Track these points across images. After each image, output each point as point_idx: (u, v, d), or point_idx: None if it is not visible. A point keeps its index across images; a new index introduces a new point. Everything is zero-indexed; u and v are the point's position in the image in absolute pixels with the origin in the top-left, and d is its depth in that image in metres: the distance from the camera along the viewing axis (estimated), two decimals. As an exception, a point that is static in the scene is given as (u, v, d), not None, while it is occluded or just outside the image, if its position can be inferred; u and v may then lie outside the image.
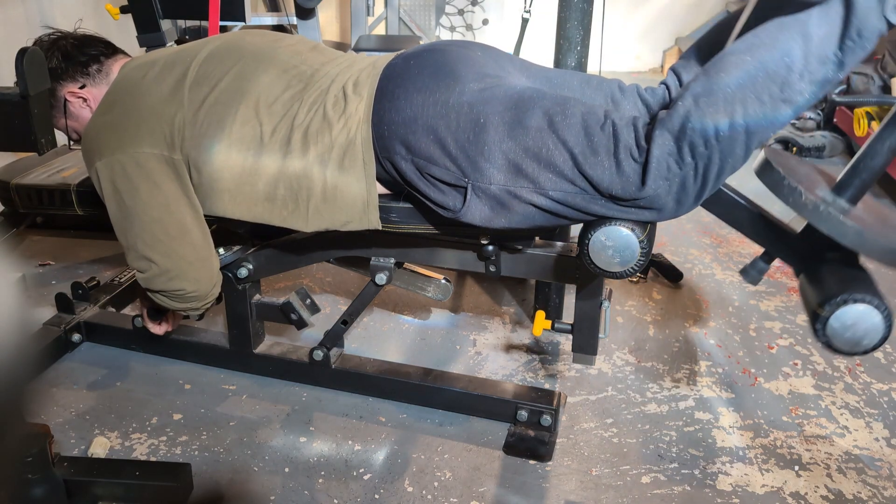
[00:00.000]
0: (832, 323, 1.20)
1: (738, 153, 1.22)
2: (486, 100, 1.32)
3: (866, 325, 1.19)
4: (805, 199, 1.22)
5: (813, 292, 1.25)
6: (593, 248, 1.32)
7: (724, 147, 1.21)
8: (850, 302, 1.19)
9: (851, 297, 1.19)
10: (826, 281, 1.26)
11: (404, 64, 1.40)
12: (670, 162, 1.22)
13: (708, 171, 1.23)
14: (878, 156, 1.23)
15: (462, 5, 4.88)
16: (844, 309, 1.19)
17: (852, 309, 1.19)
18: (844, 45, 1.16)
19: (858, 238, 1.19)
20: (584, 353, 1.62)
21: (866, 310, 1.18)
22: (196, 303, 1.56)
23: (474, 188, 1.33)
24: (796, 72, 1.17)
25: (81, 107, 1.61)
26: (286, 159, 1.40)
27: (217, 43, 1.54)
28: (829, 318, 1.20)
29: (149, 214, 1.46)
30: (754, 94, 1.18)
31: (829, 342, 1.21)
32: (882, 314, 1.18)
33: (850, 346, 1.21)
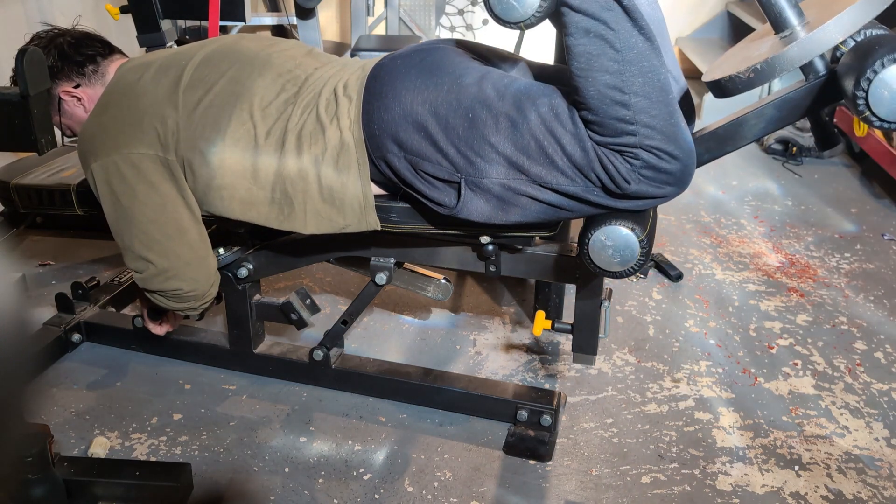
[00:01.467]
0: (882, 78, 1.12)
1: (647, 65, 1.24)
2: (475, 94, 1.32)
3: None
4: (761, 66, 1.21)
5: (845, 79, 1.19)
6: (593, 248, 1.32)
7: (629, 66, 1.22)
8: (888, 64, 1.12)
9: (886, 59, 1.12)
10: (850, 63, 1.19)
11: (392, 63, 1.41)
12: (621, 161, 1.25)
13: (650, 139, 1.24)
14: None
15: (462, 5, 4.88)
16: (884, 72, 1.12)
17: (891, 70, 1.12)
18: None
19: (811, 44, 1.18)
20: (584, 353, 1.62)
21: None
22: (194, 302, 1.56)
23: (468, 183, 1.33)
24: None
25: (76, 105, 1.61)
26: (281, 162, 1.40)
27: (213, 46, 1.54)
28: (873, 79, 1.12)
29: (145, 215, 1.46)
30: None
31: (880, 116, 1.15)
32: None
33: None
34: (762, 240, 2.60)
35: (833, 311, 2.17)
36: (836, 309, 2.18)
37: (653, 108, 1.23)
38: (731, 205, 2.85)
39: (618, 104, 1.23)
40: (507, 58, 1.53)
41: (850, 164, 3.26)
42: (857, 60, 1.18)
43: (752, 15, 4.13)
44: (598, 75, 1.22)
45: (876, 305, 2.19)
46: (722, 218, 2.76)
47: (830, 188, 3.02)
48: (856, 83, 1.16)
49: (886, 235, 2.62)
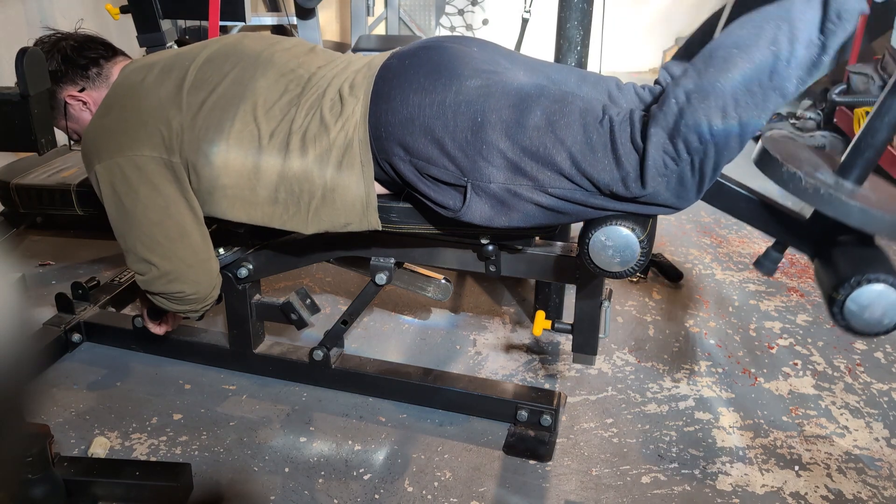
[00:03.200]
0: (849, 305, 1.17)
1: (733, 145, 1.22)
2: (484, 98, 1.31)
3: (884, 304, 1.16)
4: (806, 184, 1.21)
5: (827, 277, 1.23)
6: (593, 248, 1.32)
7: (719, 140, 1.21)
8: (864, 282, 1.16)
9: (865, 277, 1.16)
10: (839, 264, 1.23)
11: (399, 64, 1.40)
12: (666, 159, 1.22)
13: (704, 164, 1.23)
14: (879, 132, 1.22)
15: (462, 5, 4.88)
16: (859, 290, 1.16)
17: (867, 289, 1.16)
18: (826, 28, 1.17)
19: (864, 216, 1.17)
20: (584, 353, 1.62)
21: (882, 289, 1.15)
22: (196, 305, 1.56)
23: (474, 187, 1.32)
24: (783, 59, 1.18)
25: (81, 109, 1.61)
26: (285, 162, 1.40)
27: (215, 46, 1.53)
28: (844, 300, 1.17)
29: (148, 217, 1.46)
30: (744, 86, 1.19)
31: (849, 325, 1.18)
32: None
33: (871, 326, 1.18)
34: (762, 240, 2.60)
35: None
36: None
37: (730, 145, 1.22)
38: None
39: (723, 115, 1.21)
40: (513, 56, 1.52)
41: (850, 164, 3.26)
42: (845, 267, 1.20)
43: (752, 15, 4.12)
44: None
45: (876, 305, 2.18)
46: (722, 218, 2.76)
47: (830, 188, 3.01)
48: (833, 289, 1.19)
49: (886, 235, 2.62)
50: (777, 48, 1.18)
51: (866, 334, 1.19)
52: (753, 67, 1.18)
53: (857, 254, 1.24)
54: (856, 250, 1.25)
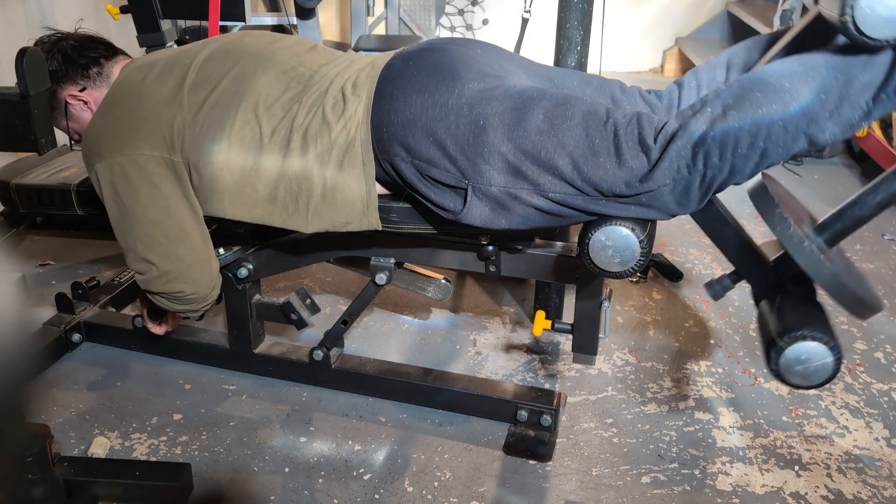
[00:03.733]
0: (788, 354, 1.22)
1: (748, 171, 1.23)
2: (486, 100, 1.31)
3: (818, 364, 1.22)
4: (792, 232, 1.24)
5: (774, 321, 1.28)
6: (593, 248, 1.32)
7: (737, 163, 1.22)
8: (809, 338, 1.21)
9: (811, 333, 1.22)
10: (788, 312, 1.28)
11: (403, 64, 1.40)
12: (681, 164, 1.22)
13: (714, 181, 1.24)
14: (865, 208, 1.26)
15: (462, 5, 4.88)
16: (802, 344, 1.21)
17: (809, 345, 1.21)
18: (878, 98, 1.17)
19: (831, 280, 1.22)
20: (584, 353, 1.62)
21: (822, 349, 1.21)
22: (195, 304, 1.56)
23: (474, 190, 1.32)
24: (827, 111, 1.18)
25: (82, 109, 1.61)
26: (286, 161, 1.40)
27: (216, 44, 1.53)
28: (785, 348, 1.22)
29: (148, 217, 1.46)
30: (782, 122, 1.19)
31: (779, 371, 1.24)
32: (835, 356, 1.21)
33: (798, 379, 1.24)
34: (762, 239, 2.60)
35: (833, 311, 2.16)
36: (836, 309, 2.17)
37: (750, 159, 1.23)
38: (731, 204, 2.82)
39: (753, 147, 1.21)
40: (516, 59, 1.52)
41: (850, 164, 3.26)
42: None
43: (752, 15, 4.13)
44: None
45: (876, 305, 2.19)
46: (722, 218, 2.76)
47: (830, 188, 3.02)
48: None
49: (886, 235, 2.62)
50: (826, 98, 1.17)
51: (790, 384, 1.25)
52: (798, 108, 1.18)
53: (805, 308, 1.29)
54: (803, 304, 1.30)
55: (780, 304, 1.31)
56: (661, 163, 1.22)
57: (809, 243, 1.23)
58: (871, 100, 1.17)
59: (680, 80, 1.53)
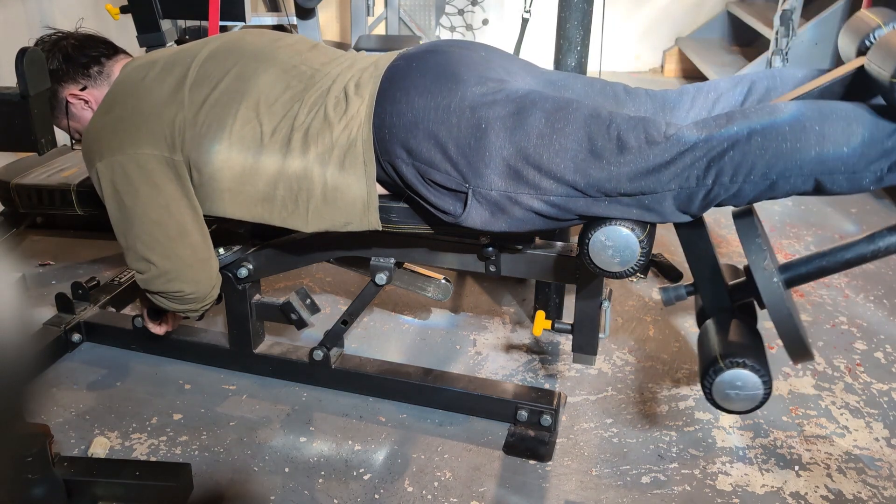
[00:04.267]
0: (725, 377, 1.27)
1: (750, 198, 1.25)
2: (488, 104, 1.31)
3: (749, 393, 1.27)
4: (766, 265, 1.27)
5: (719, 342, 1.32)
6: (593, 248, 1.32)
7: (745, 188, 1.23)
8: (749, 368, 1.26)
9: (751, 364, 1.26)
10: (734, 338, 1.33)
11: (406, 65, 1.39)
12: (692, 174, 1.23)
13: (717, 198, 1.25)
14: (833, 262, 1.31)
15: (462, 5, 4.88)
16: (741, 371, 1.26)
17: (747, 374, 1.26)
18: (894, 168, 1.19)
19: (786, 319, 1.26)
20: (584, 353, 1.62)
21: (756, 381, 1.26)
22: (195, 304, 1.56)
23: (475, 194, 1.32)
24: (844, 164, 1.19)
25: (83, 108, 1.61)
26: (286, 159, 1.40)
27: (217, 43, 1.53)
28: (725, 371, 1.26)
29: (148, 216, 1.46)
30: (799, 162, 1.19)
31: (711, 389, 1.29)
32: (765, 390, 1.27)
33: (727, 402, 1.29)
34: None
35: (833, 311, 2.16)
36: (836, 309, 2.18)
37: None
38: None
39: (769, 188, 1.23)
40: (519, 62, 1.52)
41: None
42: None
43: (752, 15, 4.13)
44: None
45: (876, 305, 2.19)
46: (722, 218, 2.76)
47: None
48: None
49: (886, 235, 2.62)
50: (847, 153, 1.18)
51: (714, 402, 1.30)
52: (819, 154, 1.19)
53: (750, 338, 1.33)
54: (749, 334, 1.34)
55: (728, 327, 1.36)
56: (672, 166, 1.23)
57: (777, 279, 1.27)
58: (888, 168, 1.19)
59: (699, 86, 1.52)
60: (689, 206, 1.26)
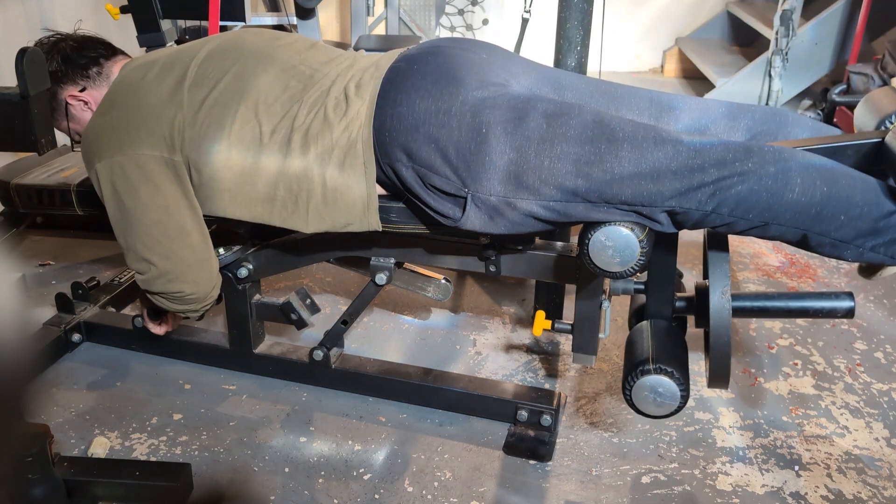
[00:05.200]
0: (650, 379, 1.33)
1: (738, 230, 1.28)
2: (489, 108, 1.31)
3: (666, 402, 1.35)
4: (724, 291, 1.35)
5: (653, 346, 1.38)
6: (593, 248, 1.32)
7: (738, 224, 1.25)
8: (673, 378, 1.33)
9: (678, 376, 1.33)
10: (667, 346, 1.39)
11: (408, 67, 1.39)
12: (694, 197, 1.24)
13: (710, 223, 1.27)
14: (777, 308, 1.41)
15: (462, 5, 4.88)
16: (665, 379, 1.33)
17: (670, 383, 1.33)
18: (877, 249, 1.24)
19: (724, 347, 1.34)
20: (584, 353, 1.62)
21: (676, 392, 1.33)
22: (195, 304, 1.56)
23: (474, 199, 1.32)
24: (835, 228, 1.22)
25: (83, 109, 1.61)
26: (286, 160, 1.40)
27: (216, 43, 1.53)
28: (651, 374, 1.33)
29: (148, 216, 1.46)
30: (796, 218, 1.22)
31: (632, 389, 1.35)
32: (681, 402, 1.34)
33: (643, 404, 1.36)
34: (761, 240, 2.60)
35: (827, 319, 2.16)
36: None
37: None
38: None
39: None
40: (521, 62, 1.51)
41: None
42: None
43: (752, 15, 4.13)
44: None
45: (876, 305, 2.19)
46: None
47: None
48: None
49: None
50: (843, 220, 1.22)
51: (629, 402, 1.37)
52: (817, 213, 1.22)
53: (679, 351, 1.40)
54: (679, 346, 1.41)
55: (664, 334, 1.42)
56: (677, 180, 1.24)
57: (729, 308, 1.33)
58: (870, 248, 1.23)
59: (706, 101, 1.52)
60: (683, 223, 1.30)
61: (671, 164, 1.24)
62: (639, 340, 1.41)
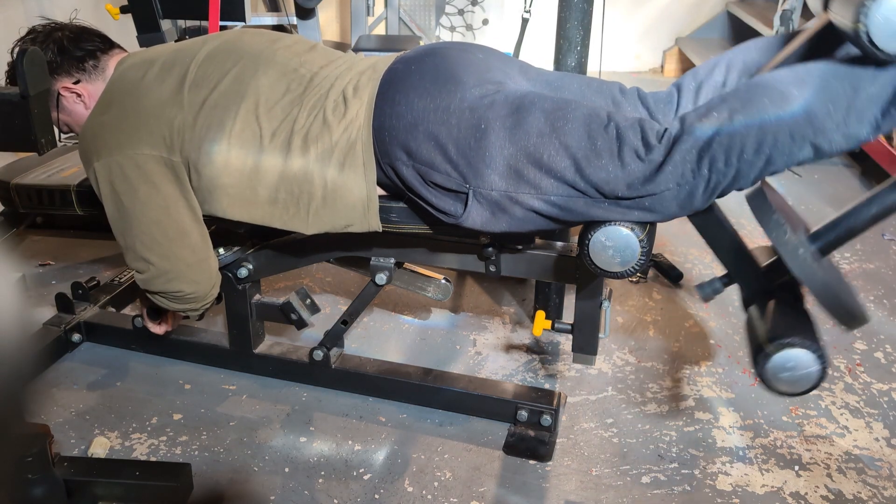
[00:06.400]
0: (775, 360, 1.22)
1: (751, 177, 1.23)
2: (488, 105, 1.31)
3: (804, 372, 1.22)
4: (787, 238, 1.24)
5: (763, 326, 1.28)
6: (593, 249, 1.32)
7: (742, 168, 1.21)
8: (797, 346, 1.22)
9: (799, 341, 1.22)
10: (777, 319, 1.28)
11: (405, 68, 1.39)
12: (686, 169, 1.22)
13: (718, 186, 1.23)
14: (860, 220, 1.26)
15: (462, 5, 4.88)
16: (791, 351, 1.22)
17: (796, 353, 1.22)
18: (888, 112, 1.16)
19: (823, 289, 1.21)
20: (584, 353, 1.62)
21: (808, 357, 1.22)
22: (195, 304, 1.56)
23: (475, 194, 1.32)
24: (834, 122, 1.17)
25: (75, 101, 1.60)
26: (286, 162, 1.40)
27: (216, 43, 1.53)
28: (773, 354, 1.22)
29: (147, 216, 1.46)
30: (788, 130, 1.18)
31: (765, 376, 1.24)
32: (820, 365, 1.22)
33: (783, 385, 1.24)
34: (762, 239, 2.59)
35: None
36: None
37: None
38: (731, 204, 2.83)
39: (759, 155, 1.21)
40: (516, 63, 1.52)
41: (850, 164, 3.26)
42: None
43: (752, 15, 4.13)
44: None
45: (876, 305, 2.19)
46: (722, 218, 2.76)
47: (830, 188, 3.02)
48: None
49: (886, 235, 2.62)
50: (833, 109, 1.17)
51: (775, 390, 1.25)
52: (805, 117, 1.17)
53: (795, 315, 1.28)
54: (793, 311, 1.29)
55: (769, 309, 1.32)
56: (666, 167, 1.22)
57: (804, 251, 1.23)
58: (881, 113, 1.17)
59: (678, 82, 1.52)
60: (692, 201, 1.25)
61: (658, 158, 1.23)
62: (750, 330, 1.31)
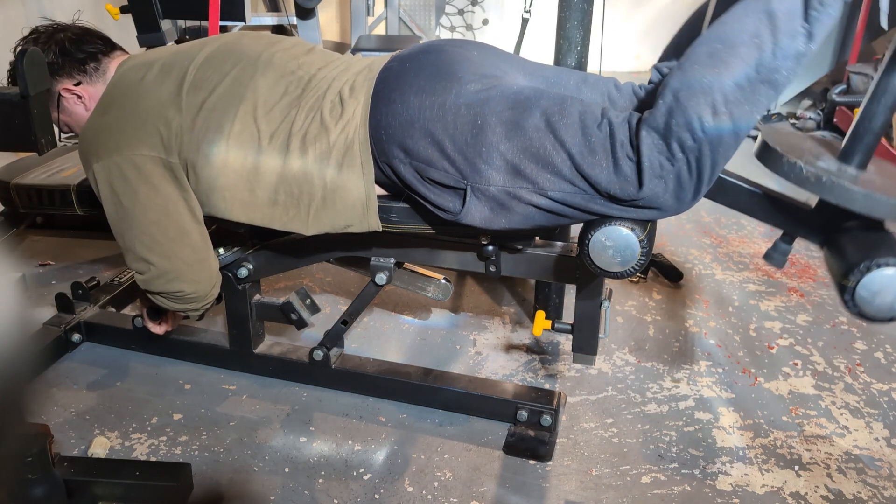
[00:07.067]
0: (860, 292, 1.14)
1: (728, 141, 1.21)
2: (484, 101, 1.31)
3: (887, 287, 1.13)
4: (807, 173, 1.19)
5: (836, 264, 1.21)
6: (593, 249, 1.32)
7: (712, 137, 1.20)
8: (874, 268, 1.13)
9: (874, 262, 1.13)
10: (847, 250, 1.21)
11: (400, 66, 1.40)
12: (661, 160, 1.22)
13: (701, 163, 1.22)
14: (877, 115, 1.20)
15: (462, 5, 4.88)
16: (870, 276, 1.13)
17: (878, 274, 1.13)
18: (810, 16, 1.17)
19: (868, 201, 1.15)
20: (584, 353, 1.62)
21: (893, 273, 1.13)
22: (195, 304, 1.56)
23: (473, 190, 1.32)
24: (767, 51, 1.18)
25: (76, 103, 1.60)
26: (285, 164, 1.40)
27: (214, 45, 1.53)
28: (855, 287, 1.14)
29: (147, 217, 1.46)
30: (732, 81, 1.18)
31: (861, 312, 1.16)
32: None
33: (883, 312, 1.15)
34: (762, 239, 2.60)
35: (833, 311, 2.17)
36: (836, 309, 2.18)
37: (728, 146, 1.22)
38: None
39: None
40: (512, 59, 1.52)
41: (850, 164, 3.26)
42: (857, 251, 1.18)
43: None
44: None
45: (876, 305, 2.19)
46: (722, 217, 2.76)
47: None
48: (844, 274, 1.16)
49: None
50: (760, 41, 1.18)
51: (880, 320, 1.16)
52: (739, 62, 1.18)
53: (866, 239, 1.21)
54: (864, 235, 1.22)
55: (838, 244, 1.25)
56: (643, 166, 1.23)
57: (828, 176, 1.17)
58: (805, 21, 1.17)
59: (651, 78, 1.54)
60: (682, 189, 1.24)
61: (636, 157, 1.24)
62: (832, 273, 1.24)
